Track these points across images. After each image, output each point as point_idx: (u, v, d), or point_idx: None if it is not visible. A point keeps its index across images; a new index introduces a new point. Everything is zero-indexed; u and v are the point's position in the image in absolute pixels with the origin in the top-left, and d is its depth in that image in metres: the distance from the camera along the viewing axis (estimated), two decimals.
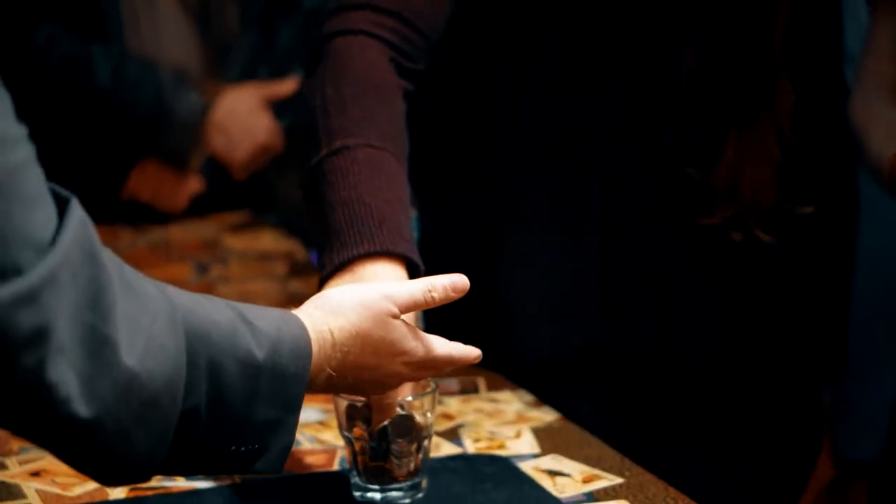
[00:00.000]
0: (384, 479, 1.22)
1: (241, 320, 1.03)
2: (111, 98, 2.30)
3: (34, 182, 0.88)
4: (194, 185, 2.37)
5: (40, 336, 0.86)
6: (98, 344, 0.90)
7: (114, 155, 2.38)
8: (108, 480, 1.03)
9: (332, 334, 1.10)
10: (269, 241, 2.26)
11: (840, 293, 1.71)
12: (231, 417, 1.02)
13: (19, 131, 0.88)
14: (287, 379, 1.04)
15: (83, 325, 0.89)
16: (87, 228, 0.91)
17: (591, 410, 1.51)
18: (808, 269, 1.66)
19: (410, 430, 1.20)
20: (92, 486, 1.25)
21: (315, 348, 1.08)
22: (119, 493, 1.24)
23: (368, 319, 1.12)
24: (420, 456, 1.22)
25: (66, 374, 0.88)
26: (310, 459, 1.32)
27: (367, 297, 1.13)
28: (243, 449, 1.04)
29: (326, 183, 1.32)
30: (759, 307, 1.61)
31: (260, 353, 1.02)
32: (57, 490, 1.25)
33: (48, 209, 0.89)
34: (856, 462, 1.92)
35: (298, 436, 1.36)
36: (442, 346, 1.17)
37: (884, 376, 1.83)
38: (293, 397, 1.05)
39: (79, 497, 1.24)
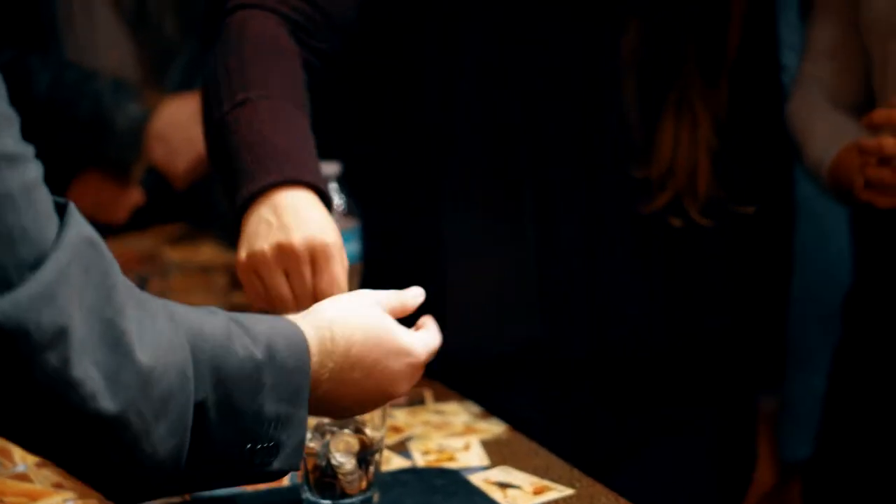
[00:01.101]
0: (335, 493, 1.22)
1: (232, 322, 1.03)
2: (50, 109, 2.27)
3: (45, 198, 0.92)
4: (135, 196, 2.35)
5: (61, 334, 0.86)
6: (117, 338, 0.91)
7: (53, 167, 2.35)
8: (130, 492, 0.99)
9: (331, 329, 1.09)
10: (209, 252, 2.25)
11: (778, 300, 1.73)
12: (240, 412, 1.01)
13: (29, 150, 0.92)
14: (289, 372, 1.04)
15: (101, 320, 0.90)
16: (89, 228, 0.92)
17: (538, 420, 1.52)
18: (746, 271, 1.68)
19: (351, 449, 1.20)
20: None
21: (315, 345, 1.07)
22: None
23: (365, 315, 1.12)
24: (372, 469, 1.23)
25: (89, 369, 0.88)
26: None
27: (357, 298, 1.14)
28: (259, 447, 1.03)
29: (230, 133, 1.34)
30: (698, 310, 1.63)
31: (257, 350, 1.02)
32: None
33: (53, 221, 0.91)
34: (793, 464, 1.95)
35: None
36: (430, 335, 1.18)
37: (815, 377, 1.86)
38: (298, 389, 1.05)
39: None
